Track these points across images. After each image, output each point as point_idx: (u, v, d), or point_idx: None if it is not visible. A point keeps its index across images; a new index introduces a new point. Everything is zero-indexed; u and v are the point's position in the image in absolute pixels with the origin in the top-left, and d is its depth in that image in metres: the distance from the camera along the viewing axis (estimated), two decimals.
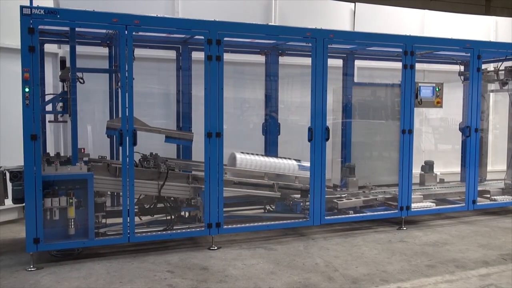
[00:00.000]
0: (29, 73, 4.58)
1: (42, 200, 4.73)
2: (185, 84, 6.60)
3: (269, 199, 6.34)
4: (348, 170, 7.05)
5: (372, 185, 7.12)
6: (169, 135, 5.87)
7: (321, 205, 5.91)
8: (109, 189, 5.42)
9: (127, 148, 5.02)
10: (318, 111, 5.82)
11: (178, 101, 6.69)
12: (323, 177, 5.89)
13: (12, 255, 5.25)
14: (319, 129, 5.84)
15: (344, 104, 7.36)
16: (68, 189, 4.88)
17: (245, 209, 6.38)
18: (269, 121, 7.09)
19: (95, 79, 6.24)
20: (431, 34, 9.10)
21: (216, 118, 5.37)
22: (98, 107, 7.12)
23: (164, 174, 5.45)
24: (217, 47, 5.29)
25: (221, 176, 5.43)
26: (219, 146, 5.40)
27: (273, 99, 7.07)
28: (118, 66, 5.18)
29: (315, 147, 5.83)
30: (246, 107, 8.34)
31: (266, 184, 6.20)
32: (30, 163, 4.65)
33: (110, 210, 5.67)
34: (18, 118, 4.73)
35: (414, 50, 6.28)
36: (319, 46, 5.76)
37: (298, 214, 6.10)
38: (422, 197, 6.78)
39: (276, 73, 7.02)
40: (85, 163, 5.26)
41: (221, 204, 5.46)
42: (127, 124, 5.01)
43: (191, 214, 5.94)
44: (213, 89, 5.34)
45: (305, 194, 6.05)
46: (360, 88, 7.52)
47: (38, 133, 4.66)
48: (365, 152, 7.48)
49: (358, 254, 5.45)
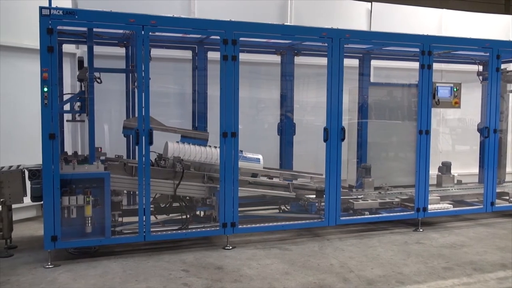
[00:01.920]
0: (48, 73, 4.64)
1: (59, 198, 4.79)
2: (200, 84, 6.62)
3: (284, 199, 6.32)
4: (364, 170, 7.00)
5: (388, 186, 7.06)
6: (184, 134, 5.92)
7: (336, 206, 5.88)
8: (126, 188, 5.47)
9: (143, 148, 5.05)
10: (333, 111, 5.79)
11: (194, 100, 6.72)
12: (338, 178, 5.86)
13: (31, 252, 5.32)
14: (335, 129, 5.81)
15: (360, 104, 7.32)
16: (85, 188, 4.93)
17: (260, 209, 6.38)
18: (284, 121, 7.08)
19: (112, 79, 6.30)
20: (449, 34, 8.98)
21: (231, 118, 5.37)
22: (114, 106, 7.18)
23: (179, 174, 5.48)
24: (232, 47, 5.29)
25: (236, 175, 5.43)
26: (235, 146, 5.40)
27: (289, 99, 7.06)
28: (135, 66, 5.22)
29: (330, 147, 5.80)
30: (261, 107, 8.34)
31: (281, 184, 6.20)
32: (48, 161, 4.71)
33: (126, 209, 5.72)
34: (37, 118, 4.79)
35: (432, 50, 6.21)
36: (335, 46, 5.73)
37: (313, 215, 6.08)
38: (439, 198, 6.71)
39: (291, 73, 7.01)
40: (102, 162, 5.33)
41: (236, 203, 5.46)
42: (144, 124, 5.04)
43: (206, 213, 5.96)
44: (229, 89, 5.34)
45: (320, 194, 6.02)
46: (377, 88, 7.46)
47: (56, 132, 4.72)
48: (381, 153, 7.42)
49: (374, 255, 5.41)
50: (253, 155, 6.15)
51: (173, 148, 5.63)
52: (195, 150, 5.74)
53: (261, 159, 6.17)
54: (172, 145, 5.66)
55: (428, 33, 6.48)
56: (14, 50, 6.52)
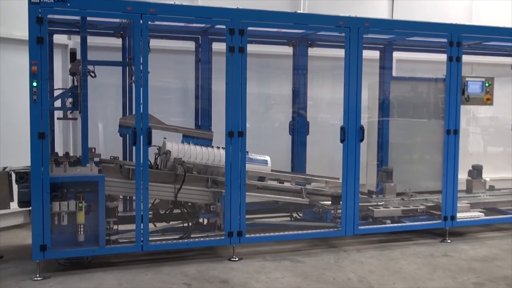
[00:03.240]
0: (37, 66, 4.67)
1: (49, 203, 4.81)
2: (204, 78, 6.63)
3: (296, 206, 6.31)
4: (385, 174, 6.97)
5: (412, 191, 7.01)
6: (186, 134, 5.92)
7: (354, 213, 5.86)
8: (122, 192, 5.49)
9: (141, 148, 5.06)
10: (351, 108, 5.77)
11: (197, 96, 6.73)
12: (356, 182, 5.84)
13: (17, 263, 5.35)
14: (353, 129, 5.79)
15: (381, 101, 7.30)
16: (77, 192, 4.95)
17: (269, 216, 6.37)
18: (297, 119, 7.06)
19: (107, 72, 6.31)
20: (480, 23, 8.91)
21: (238, 115, 5.37)
22: (110, 103, 7.21)
23: (181, 177, 5.48)
24: (240, 38, 5.29)
25: (244, 179, 5.43)
26: (242, 146, 5.40)
27: (302, 95, 7.05)
28: (132, 59, 5.24)
29: (348, 149, 5.78)
30: (271, 103, 8.33)
31: (293, 189, 6.18)
32: (38, 163, 4.74)
33: (122, 216, 5.73)
34: (25, 115, 4.82)
35: (461, 41, 6.17)
36: (353, 36, 5.71)
37: (328, 223, 6.06)
38: (469, 206, 6.66)
39: (305, 66, 7.00)
40: (96, 164, 5.34)
41: (243, 210, 5.46)
42: (142, 122, 5.05)
43: (210, 221, 5.96)
44: (236, 83, 5.34)
45: (336, 200, 6.00)
46: (399, 83, 7.45)
47: (46, 131, 4.74)
48: (404, 155, 7.40)
49: (396, 268, 5.38)
50: (259, 156, 6.14)
51: (171, 148, 5.63)
52: (198, 151, 5.75)
53: (269, 161, 6.16)
54: (171, 145, 5.67)
55: (457, 22, 6.43)
56: (2, 41, 6.57)
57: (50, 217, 4.82)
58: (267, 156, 6.20)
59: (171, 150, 5.62)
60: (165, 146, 5.67)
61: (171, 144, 5.69)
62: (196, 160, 5.74)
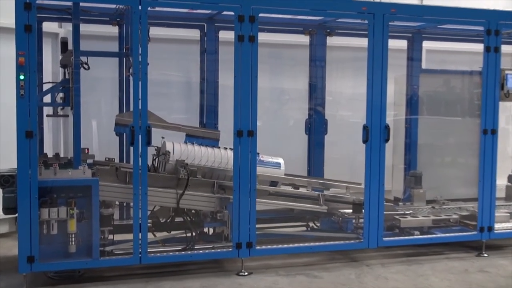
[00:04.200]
0: (25, 57, 4.69)
1: (38, 210, 4.84)
2: (210, 70, 6.65)
3: (312, 215, 6.31)
4: (413, 179, 6.94)
5: (444, 199, 6.99)
6: (190, 133, 5.94)
7: (378, 223, 5.85)
8: (118, 198, 5.52)
9: (139, 149, 5.08)
10: (375, 105, 5.76)
11: (202, 91, 6.75)
12: (381, 188, 5.83)
13: (2, 276, 5.39)
14: (377, 128, 5.77)
15: (409, 97, 7.28)
16: (68, 198, 4.98)
17: (282, 226, 6.37)
18: (314, 117, 7.07)
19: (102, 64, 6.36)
20: None
21: (248, 112, 5.38)
22: (105, 98, 7.25)
23: (183, 181, 5.50)
24: (250, 25, 5.30)
25: (254, 184, 5.44)
26: (252, 147, 5.40)
27: (319, 90, 7.05)
28: (130, 49, 5.26)
29: (371, 150, 5.77)
30: (285, 99, 8.34)
31: (310, 195, 6.18)
32: (25, 165, 4.77)
33: (118, 224, 5.76)
34: (11, 111, 4.85)
35: (499, 29, 6.14)
36: (378, 24, 5.70)
37: (349, 234, 6.05)
38: (509, 215, 6.63)
39: (323, 57, 7.00)
40: (89, 166, 5.36)
41: (254, 219, 5.46)
42: (140, 120, 5.07)
43: (216, 231, 5.97)
44: (245, 77, 5.35)
45: (358, 208, 5.99)
46: (430, 76, 7.42)
47: (34, 130, 4.77)
48: (435, 157, 7.38)
49: (425, 286, 5.36)
50: (271, 158, 6.15)
51: (172, 149, 5.65)
52: (203, 152, 5.76)
53: (282, 163, 6.16)
54: (171, 146, 5.68)
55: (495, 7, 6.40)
56: None
57: (38, 226, 4.85)
58: (280, 158, 6.20)
59: (172, 151, 5.63)
60: (165, 146, 5.69)
61: (171, 144, 5.71)
62: (201, 163, 5.75)
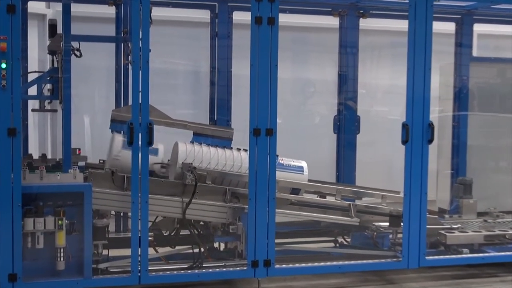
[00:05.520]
0: (7, 42, 4.72)
1: (21, 220, 4.87)
2: (222, 58, 6.65)
3: (342, 228, 6.30)
4: (462, 187, 6.89)
5: (498, 211, 6.95)
6: (198, 131, 5.94)
7: (420, 239, 5.81)
8: (114, 207, 5.53)
9: (139, 150, 5.10)
10: (417, 99, 5.72)
11: (212, 82, 6.76)
12: (423, 198, 5.79)
13: None
14: (419, 126, 5.73)
15: (457, 89, 7.24)
16: (57, 206, 4.99)
17: (306, 241, 6.38)
18: (344, 113, 7.04)
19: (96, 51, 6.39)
20: None
21: (266, 108, 5.37)
22: (100, 90, 7.29)
23: (190, 188, 5.51)
24: (269, 5, 5.29)
25: (273, 192, 5.42)
26: (271, 148, 5.39)
27: (351, 81, 7.02)
28: (129, 33, 5.28)
29: (412, 153, 5.73)
30: (310, 92, 8.32)
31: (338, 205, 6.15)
32: (6, 168, 4.79)
33: (114, 237, 5.80)
34: None
35: None
36: (421, 4, 5.67)
37: (385, 251, 6.04)
38: None
39: (355, 42, 6.97)
40: (81, 169, 5.39)
41: (272, 233, 5.45)
42: (140, 116, 5.09)
43: (228, 246, 5.99)
44: (263, 66, 5.34)
45: (396, 221, 5.96)
46: (482, 65, 7.40)
47: (17, 127, 4.80)
48: (487, 162, 7.36)
49: None
50: (293, 161, 6.13)
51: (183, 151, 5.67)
52: (213, 154, 5.77)
53: (306, 167, 6.14)
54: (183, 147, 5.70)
55: None
56: None
57: (21, 238, 4.87)
58: (302, 162, 6.19)
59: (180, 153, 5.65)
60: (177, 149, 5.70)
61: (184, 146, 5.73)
62: (211, 166, 5.75)
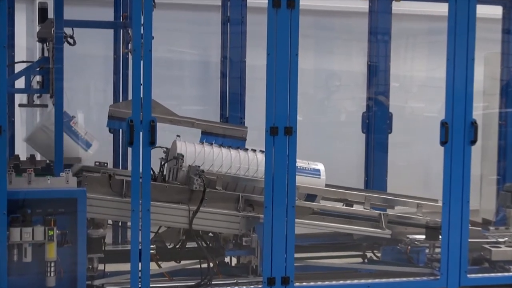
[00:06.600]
0: None
1: (6, 230, 4.90)
2: (235, 47, 6.67)
3: (371, 241, 6.30)
4: (510, 195, 6.85)
5: None
6: (207, 129, 5.95)
7: (461, 255, 5.79)
8: (111, 215, 5.56)
9: (140, 150, 5.12)
10: (458, 94, 5.70)
11: (224, 74, 6.77)
12: (465, 207, 5.77)
13: None
14: (460, 125, 5.71)
15: (504, 83, 7.18)
16: (47, 214, 5.01)
17: (330, 256, 6.39)
18: (374, 109, 7.04)
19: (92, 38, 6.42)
20: None
21: (285, 103, 5.36)
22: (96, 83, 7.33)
23: (198, 194, 5.52)
24: None
25: (292, 199, 5.42)
26: (290, 149, 5.39)
27: (382, 73, 7.02)
28: (129, 18, 5.29)
29: (452, 155, 5.71)
30: (335, 86, 8.31)
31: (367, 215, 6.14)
32: None
33: (111, 250, 5.82)
34: None
35: None
36: None
37: (420, 268, 6.03)
38: None
39: (387, 29, 6.97)
40: None
41: (291, 246, 5.45)
42: (142, 112, 5.10)
43: (241, 261, 6.01)
44: (282, 55, 5.34)
45: (433, 234, 5.94)
46: None
47: (3, 124, 4.83)
48: None
49: None
50: (309, 163, 6.10)
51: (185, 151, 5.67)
52: (224, 156, 5.78)
53: (323, 170, 6.09)
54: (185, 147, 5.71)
55: None
56: None
57: (6, 250, 4.91)
58: (319, 164, 6.14)
59: (185, 154, 5.66)
60: (176, 147, 5.72)
61: (184, 144, 5.74)
62: (222, 170, 5.76)
